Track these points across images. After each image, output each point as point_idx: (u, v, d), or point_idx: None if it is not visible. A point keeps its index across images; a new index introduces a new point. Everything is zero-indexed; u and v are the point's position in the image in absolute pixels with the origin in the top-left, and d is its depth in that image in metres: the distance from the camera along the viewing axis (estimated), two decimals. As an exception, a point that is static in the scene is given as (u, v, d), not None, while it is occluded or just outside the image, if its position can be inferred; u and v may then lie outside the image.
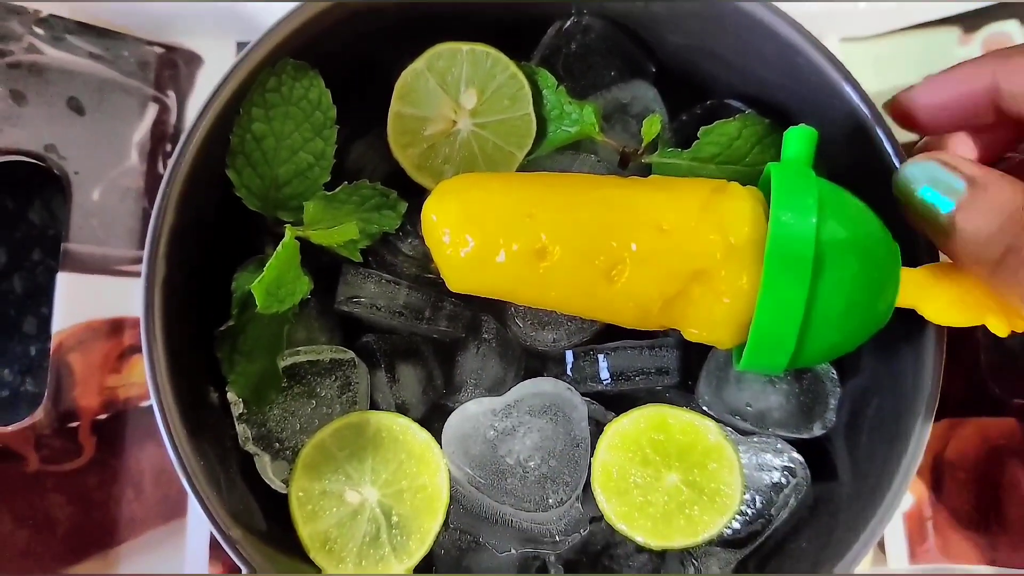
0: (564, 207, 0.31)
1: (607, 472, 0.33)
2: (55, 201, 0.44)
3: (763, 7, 0.34)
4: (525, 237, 0.30)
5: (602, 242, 0.30)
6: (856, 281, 0.29)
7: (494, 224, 0.30)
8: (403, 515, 0.33)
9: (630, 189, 0.31)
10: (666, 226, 0.29)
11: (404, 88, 0.36)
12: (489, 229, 0.30)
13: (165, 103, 0.44)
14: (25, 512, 0.39)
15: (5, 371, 0.42)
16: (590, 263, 0.30)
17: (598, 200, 0.31)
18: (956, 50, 0.46)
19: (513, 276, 0.30)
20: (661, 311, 0.30)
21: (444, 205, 0.31)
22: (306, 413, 0.34)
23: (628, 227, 0.30)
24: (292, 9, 0.33)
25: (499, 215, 0.30)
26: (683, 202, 0.30)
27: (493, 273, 0.30)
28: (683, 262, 0.29)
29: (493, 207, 0.31)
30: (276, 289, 0.32)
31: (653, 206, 0.30)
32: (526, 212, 0.30)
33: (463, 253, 0.30)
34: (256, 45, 0.33)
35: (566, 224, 0.30)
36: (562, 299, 0.31)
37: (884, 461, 0.32)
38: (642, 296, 0.30)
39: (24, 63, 0.42)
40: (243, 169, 0.34)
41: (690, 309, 0.30)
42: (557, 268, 0.30)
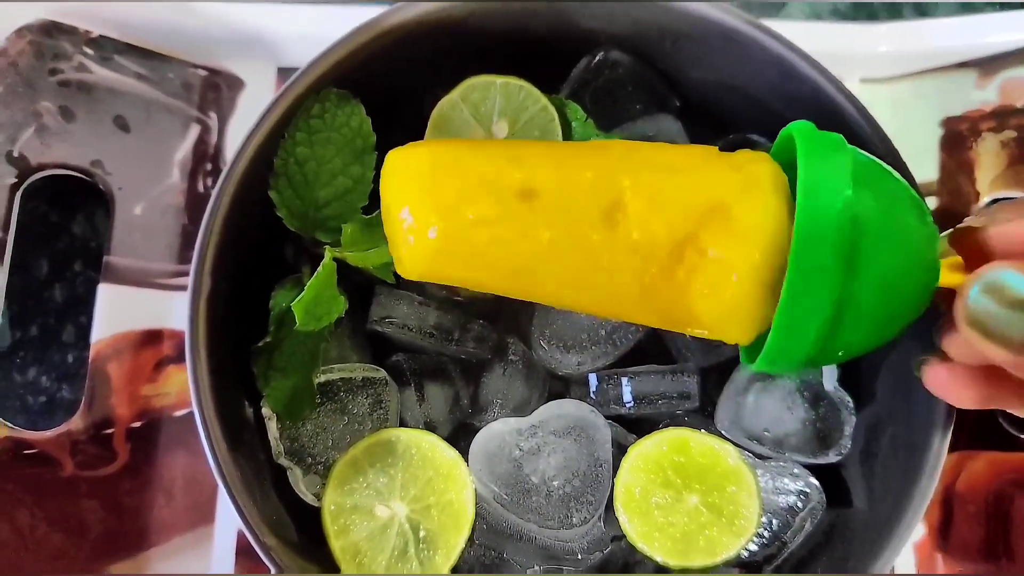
0: (552, 151, 0.28)
1: (630, 492, 0.34)
2: (97, 215, 0.45)
3: (786, 48, 0.36)
4: (506, 180, 0.27)
5: (601, 181, 0.27)
6: (893, 263, 0.26)
7: (465, 181, 0.27)
8: (430, 530, 0.34)
9: (632, 144, 0.30)
10: (677, 165, 0.27)
11: (439, 118, 0.37)
12: (461, 187, 0.27)
13: (207, 124, 0.46)
14: (59, 516, 0.40)
15: (43, 378, 0.44)
16: (586, 204, 0.27)
17: (593, 146, 0.29)
18: (973, 93, 0.48)
19: (489, 241, 0.27)
20: (666, 278, 0.27)
21: (405, 170, 0.29)
22: (338, 429, 0.35)
23: (631, 166, 0.27)
24: (335, 41, 0.35)
25: (472, 168, 0.28)
26: (694, 150, 0.29)
27: (465, 243, 0.27)
28: (694, 195, 0.26)
29: (464, 162, 0.28)
30: (314, 308, 0.33)
31: (659, 151, 0.28)
32: (507, 156, 0.28)
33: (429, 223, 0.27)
34: (301, 74, 0.35)
35: (555, 165, 0.27)
36: (553, 272, 0.27)
37: (898, 490, 0.33)
38: (647, 243, 0.26)
39: (74, 81, 0.44)
40: (285, 191, 0.35)
41: (698, 281, 0.26)
42: (545, 217, 0.27)
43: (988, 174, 0.47)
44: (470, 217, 0.27)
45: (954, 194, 0.46)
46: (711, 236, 0.26)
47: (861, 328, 0.27)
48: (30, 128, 0.43)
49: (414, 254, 0.28)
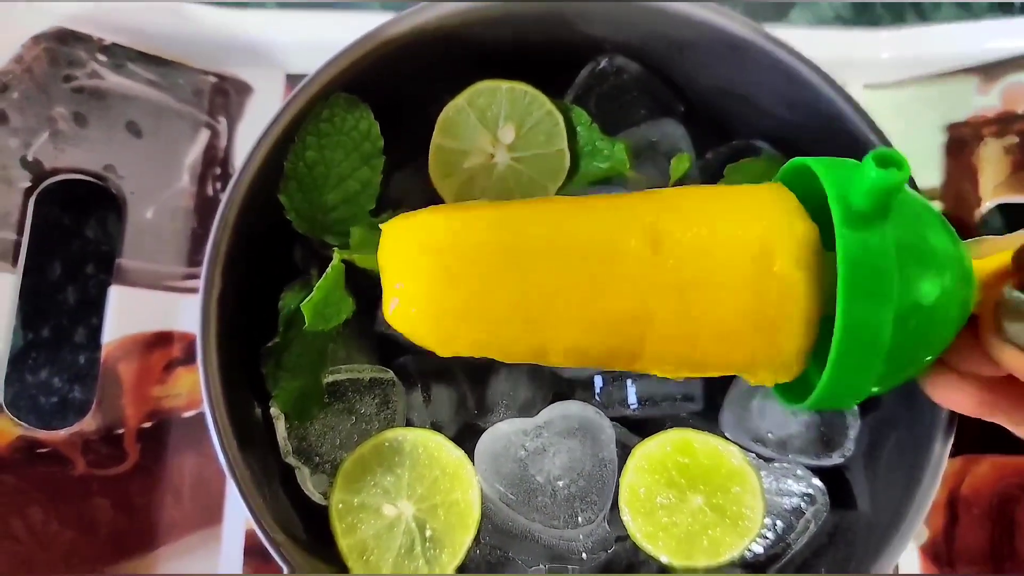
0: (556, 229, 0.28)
1: (634, 492, 0.34)
2: (110, 218, 0.46)
3: (789, 55, 0.36)
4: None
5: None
6: (934, 287, 0.25)
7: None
8: (436, 529, 0.34)
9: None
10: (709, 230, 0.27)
11: (446, 122, 0.38)
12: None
13: (216, 129, 0.46)
14: (70, 514, 0.40)
15: (55, 379, 0.44)
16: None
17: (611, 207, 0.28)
18: (975, 99, 0.48)
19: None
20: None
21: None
22: (345, 429, 0.36)
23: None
24: (343, 47, 0.36)
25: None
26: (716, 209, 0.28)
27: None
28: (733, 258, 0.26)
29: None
30: (323, 308, 0.34)
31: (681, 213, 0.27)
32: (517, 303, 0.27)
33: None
34: (311, 80, 0.35)
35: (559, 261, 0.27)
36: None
37: (902, 493, 0.34)
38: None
39: (87, 88, 0.45)
40: (294, 194, 0.36)
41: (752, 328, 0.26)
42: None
43: (991, 179, 0.47)
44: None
45: (958, 199, 0.47)
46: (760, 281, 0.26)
47: (910, 355, 0.26)
48: (44, 133, 0.44)
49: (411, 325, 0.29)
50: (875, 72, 0.49)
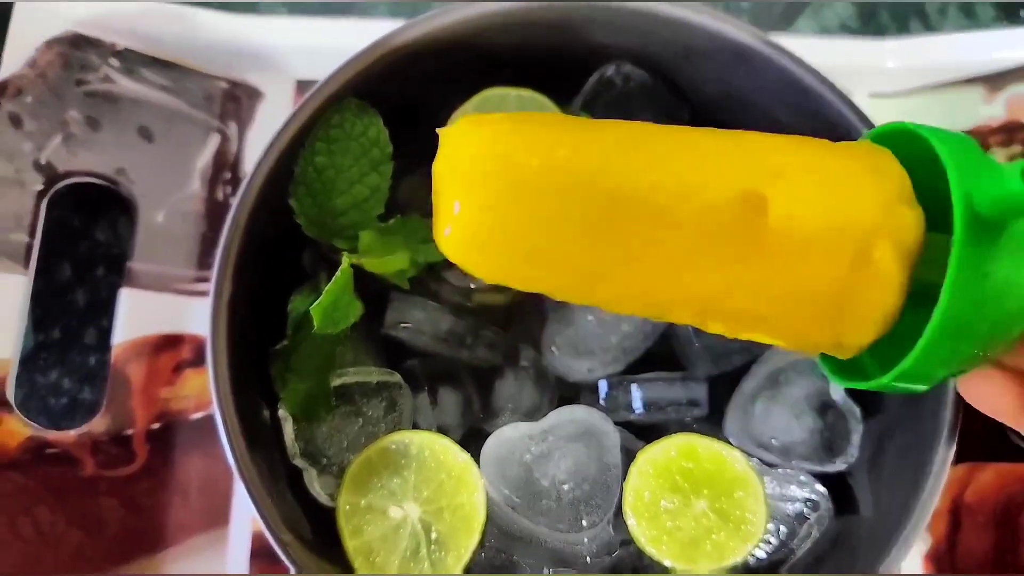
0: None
1: (639, 497, 0.34)
2: (120, 221, 0.47)
3: (795, 64, 0.37)
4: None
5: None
6: (1011, 307, 0.24)
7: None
8: (442, 532, 0.34)
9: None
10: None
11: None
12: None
13: (226, 134, 0.47)
14: (79, 514, 0.41)
15: (64, 380, 0.45)
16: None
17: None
18: (980, 108, 0.48)
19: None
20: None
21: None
22: (352, 431, 0.36)
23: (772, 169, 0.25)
24: (354, 54, 0.36)
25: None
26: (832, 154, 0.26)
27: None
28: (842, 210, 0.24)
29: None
30: (332, 312, 0.34)
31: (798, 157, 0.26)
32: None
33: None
34: (321, 86, 0.36)
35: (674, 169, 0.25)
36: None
37: (904, 499, 0.34)
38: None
39: (100, 92, 0.45)
40: (304, 198, 0.36)
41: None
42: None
43: (996, 188, 0.47)
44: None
45: (962, 207, 0.47)
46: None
47: (998, 335, 0.25)
48: (57, 137, 0.44)
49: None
50: (881, 81, 0.49)
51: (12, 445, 0.41)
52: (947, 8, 0.53)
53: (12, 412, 0.41)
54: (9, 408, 0.41)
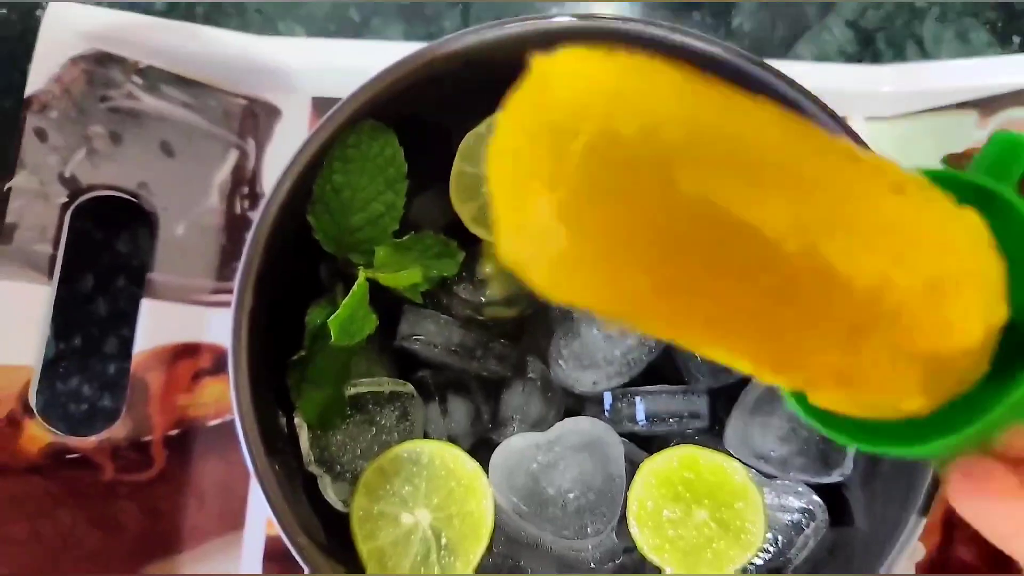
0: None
1: (642, 506, 0.36)
2: (141, 234, 0.48)
3: (794, 90, 0.38)
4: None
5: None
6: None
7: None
8: (451, 538, 0.36)
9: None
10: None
11: (467, 150, 0.40)
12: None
13: (244, 150, 0.48)
14: (98, 517, 0.42)
15: (84, 387, 0.46)
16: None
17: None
18: (974, 132, 0.50)
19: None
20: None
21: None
22: (366, 439, 0.37)
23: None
24: (371, 77, 0.37)
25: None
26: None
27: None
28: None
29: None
30: (349, 325, 0.36)
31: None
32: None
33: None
34: (340, 107, 0.37)
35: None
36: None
37: (897, 511, 0.35)
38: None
39: (123, 108, 0.47)
40: (322, 215, 0.38)
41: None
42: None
43: (988, 210, 0.49)
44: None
45: (955, 229, 0.48)
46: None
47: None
48: (81, 151, 0.46)
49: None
50: (877, 105, 0.50)
51: (34, 450, 0.42)
52: (942, 34, 0.55)
53: (34, 418, 0.43)
54: (32, 414, 0.42)
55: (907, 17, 0.55)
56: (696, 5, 0.55)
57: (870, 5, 0.55)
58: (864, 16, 0.55)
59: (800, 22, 0.55)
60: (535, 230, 0.19)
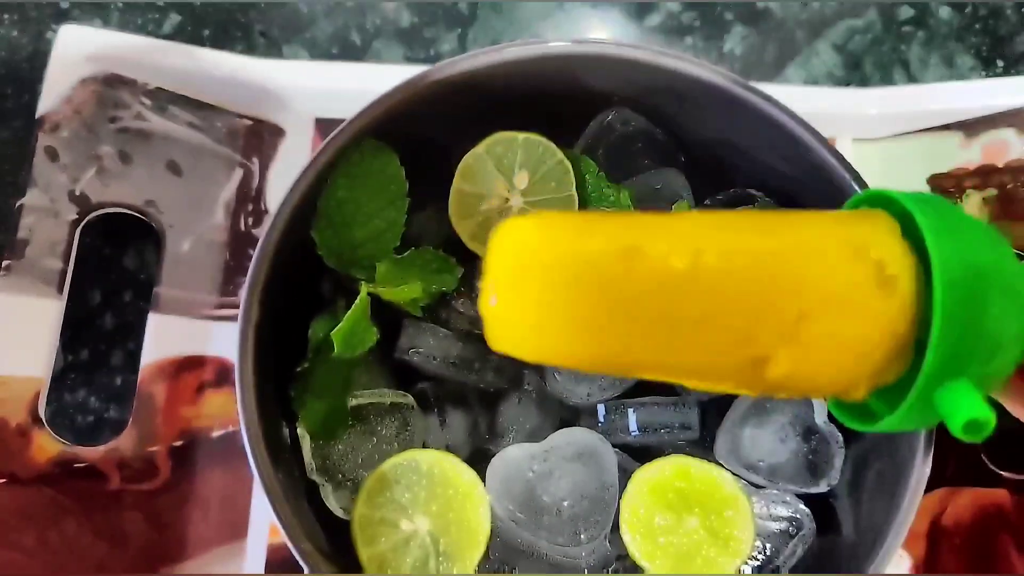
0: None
1: (634, 514, 0.37)
2: (148, 250, 0.49)
3: (783, 112, 0.39)
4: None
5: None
6: (1012, 312, 0.26)
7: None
8: (449, 544, 0.37)
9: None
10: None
11: (465, 169, 0.41)
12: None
13: (249, 168, 0.50)
14: (104, 526, 0.43)
15: (91, 399, 0.47)
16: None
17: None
18: (958, 153, 0.51)
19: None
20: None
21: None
22: (367, 449, 0.38)
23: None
24: (374, 98, 0.39)
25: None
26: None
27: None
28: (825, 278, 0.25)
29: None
30: (350, 337, 0.37)
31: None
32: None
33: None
34: (343, 127, 0.38)
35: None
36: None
37: (882, 519, 0.36)
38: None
39: (132, 128, 0.48)
40: (325, 231, 0.39)
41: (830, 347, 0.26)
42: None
43: (972, 228, 0.50)
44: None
45: (939, 246, 0.50)
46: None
47: (988, 379, 0.26)
48: (91, 170, 0.47)
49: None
50: (864, 127, 0.52)
51: (43, 460, 0.43)
52: (928, 58, 0.57)
53: (43, 428, 0.44)
54: (41, 424, 0.43)
55: (894, 42, 0.57)
56: (688, 29, 0.57)
57: (858, 30, 0.57)
58: (852, 40, 0.57)
59: (790, 46, 0.57)
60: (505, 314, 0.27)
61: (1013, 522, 0.45)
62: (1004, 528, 0.46)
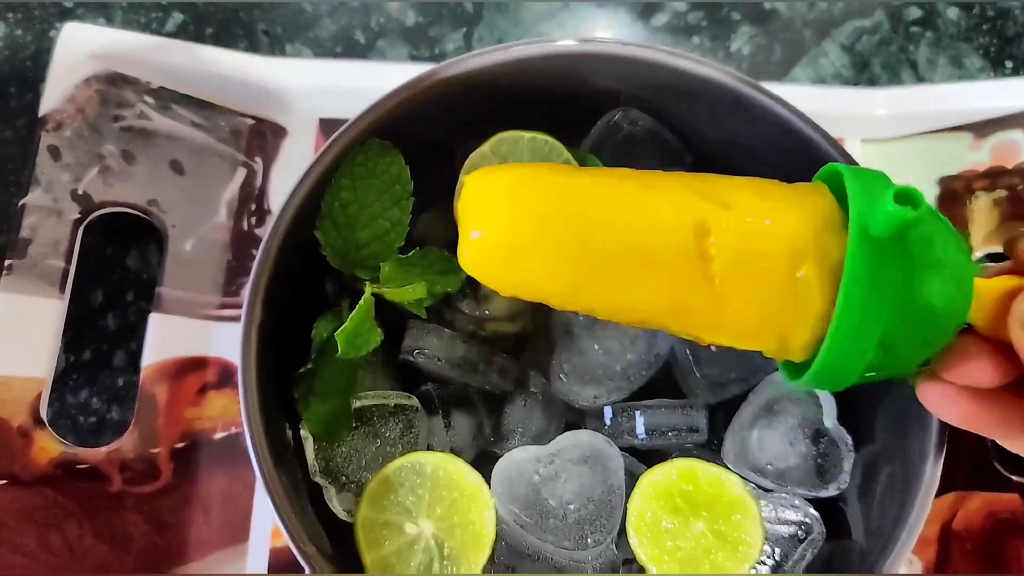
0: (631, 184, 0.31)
1: (641, 517, 0.36)
2: (151, 249, 0.49)
3: (790, 112, 0.39)
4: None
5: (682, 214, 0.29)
6: (935, 286, 0.27)
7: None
8: (454, 548, 0.36)
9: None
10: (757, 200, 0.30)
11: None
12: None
13: (252, 168, 0.49)
14: (105, 528, 0.42)
15: (93, 400, 0.47)
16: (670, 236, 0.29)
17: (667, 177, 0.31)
18: (967, 155, 0.51)
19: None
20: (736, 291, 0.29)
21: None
22: (370, 451, 0.38)
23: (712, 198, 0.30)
24: (379, 98, 0.38)
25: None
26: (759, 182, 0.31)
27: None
28: (779, 235, 0.29)
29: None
30: (355, 338, 0.36)
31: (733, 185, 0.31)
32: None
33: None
34: (348, 126, 0.38)
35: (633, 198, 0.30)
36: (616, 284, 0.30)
37: (893, 524, 0.36)
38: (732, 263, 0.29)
39: (135, 128, 0.48)
40: (329, 231, 0.39)
41: (771, 298, 0.29)
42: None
43: (981, 229, 0.50)
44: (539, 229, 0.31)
45: (949, 248, 0.49)
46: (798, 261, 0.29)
47: (902, 348, 0.28)
48: (94, 169, 0.47)
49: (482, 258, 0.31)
50: (872, 128, 0.51)
51: (44, 461, 0.43)
52: (936, 59, 0.56)
53: (45, 429, 0.43)
54: (43, 425, 0.43)
55: (902, 42, 0.56)
56: (695, 29, 0.57)
57: (866, 30, 0.57)
58: (860, 41, 0.56)
59: (797, 47, 0.56)
60: (481, 247, 0.31)
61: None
62: (1015, 532, 0.45)
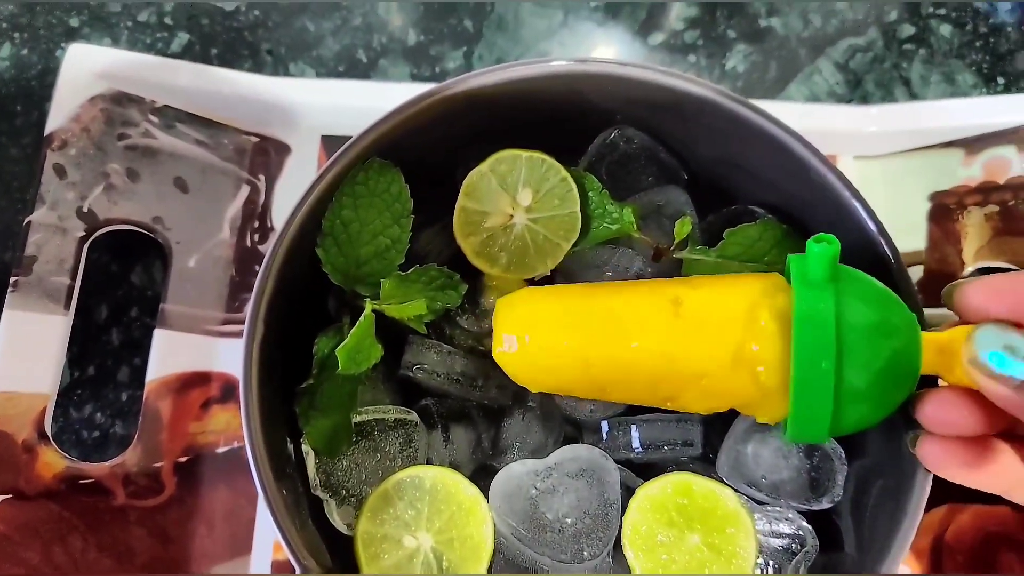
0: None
1: (636, 531, 0.37)
2: (155, 266, 0.50)
3: (783, 131, 0.39)
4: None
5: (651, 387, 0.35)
6: (879, 355, 0.31)
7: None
8: (452, 561, 0.37)
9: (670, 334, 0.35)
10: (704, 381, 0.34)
11: (470, 186, 0.41)
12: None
13: (256, 185, 0.50)
14: (109, 542, 0.43)
15: (97, 415, 0.47)
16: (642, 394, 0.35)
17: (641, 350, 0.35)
18: (959, 170, 0.52)
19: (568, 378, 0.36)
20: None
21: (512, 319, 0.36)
22: (370, 465, 0.39)
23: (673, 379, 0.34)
24: (378, 119, 0.39)
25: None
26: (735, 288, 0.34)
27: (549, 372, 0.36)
28: (735, 324, 0.33)
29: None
30: (355, 353, 0.37)
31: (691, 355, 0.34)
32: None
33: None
34: (349, 146, 0.39)
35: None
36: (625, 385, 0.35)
37: (885, 536, 0.36)
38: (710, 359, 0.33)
39: (140, 146, 0.49)
40: (331, 248, 0.39)
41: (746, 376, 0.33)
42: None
43: (973, 244, 0.50)
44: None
45: (941, 262, 0.50)
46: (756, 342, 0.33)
47: (862, 406, 0.32)
48: (99, 187, 0.48)
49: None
50: (865, 145, 0.52)
51: (49, 476, 0.43)
52: (929, 76, 0.57)
53: (50, 444, 0.44)
54: (47, 440, 0.44)
55: (895, 59, 0.57)
56: (691, 48, 0.57)
57: (859, 48, 0.57)
58: (853, 58, 0.57)
59: (792, 64, 0.57)
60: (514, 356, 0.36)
61: (1016, 539, 0.45)
62: (1007, 545, 0.45)
